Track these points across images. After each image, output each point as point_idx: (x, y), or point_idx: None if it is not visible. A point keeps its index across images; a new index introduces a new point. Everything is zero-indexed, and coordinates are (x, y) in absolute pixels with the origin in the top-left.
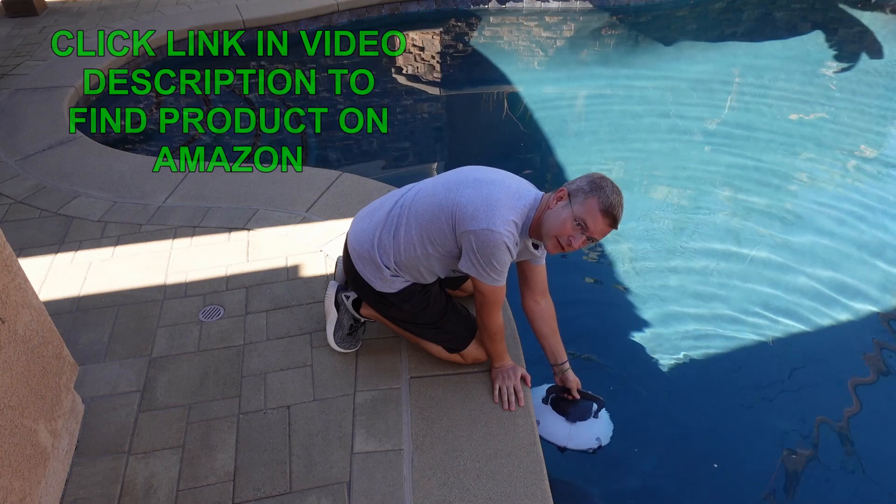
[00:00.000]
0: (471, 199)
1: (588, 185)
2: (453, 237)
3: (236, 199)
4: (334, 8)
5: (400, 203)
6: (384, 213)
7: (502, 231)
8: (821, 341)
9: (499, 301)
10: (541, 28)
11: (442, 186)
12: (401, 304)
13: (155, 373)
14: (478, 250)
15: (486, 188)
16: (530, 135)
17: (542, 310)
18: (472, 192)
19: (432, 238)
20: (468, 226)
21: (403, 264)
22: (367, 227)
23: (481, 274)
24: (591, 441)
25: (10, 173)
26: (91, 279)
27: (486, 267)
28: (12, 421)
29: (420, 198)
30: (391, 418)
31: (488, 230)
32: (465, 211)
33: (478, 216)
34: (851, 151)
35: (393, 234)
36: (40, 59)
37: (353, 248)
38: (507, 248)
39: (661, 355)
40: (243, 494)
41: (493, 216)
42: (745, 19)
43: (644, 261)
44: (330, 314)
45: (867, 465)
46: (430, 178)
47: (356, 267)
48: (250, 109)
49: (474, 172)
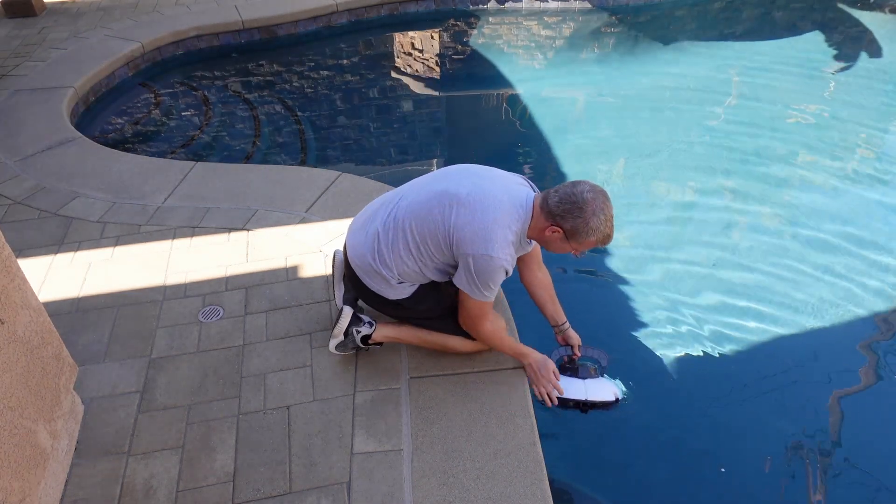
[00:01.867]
0: (467, 221)
1: (583, 225)
2: (451, 254)
3: (236, 199)
4: (333, 8)
5: (393, 215)
6: (378, 224)
7: (501, 256)
8: (820, 341)
9: (485, 314)
10: (540, 28)
11: (435, 200)
12: (416, 306)
13: (154, 373)
14: (476, 273)
15: (481, 206)
16: (529, 134)
17: (539, 280)
18: (468, 213)
19: (430, 254)
20: (466, 249)
21: (407, 274)
22: (365, 241)
23: (474, 291)
24: (609, 394)
25: (9, 174)
26: (90, 280)
27: (480, 287)
28: (12, 422)
29: (412, 210)
30: (391, 418)
31: (487, 256)
32: (463, 234)
33: (476, 241)
34: (851, 151)
35: (391, 248)
36: (39, 59)
37: (356, 265)
38: (505, 271)
39: (661, 355)
40: (243, 495)
41: (492, 241)
42: (744, 19)
43: (643, 260)
44: (338, 336)
45: (867, 463)
46: (416, 181)
47: (363, 282)
48: (250, 109)
49: (464, 182)
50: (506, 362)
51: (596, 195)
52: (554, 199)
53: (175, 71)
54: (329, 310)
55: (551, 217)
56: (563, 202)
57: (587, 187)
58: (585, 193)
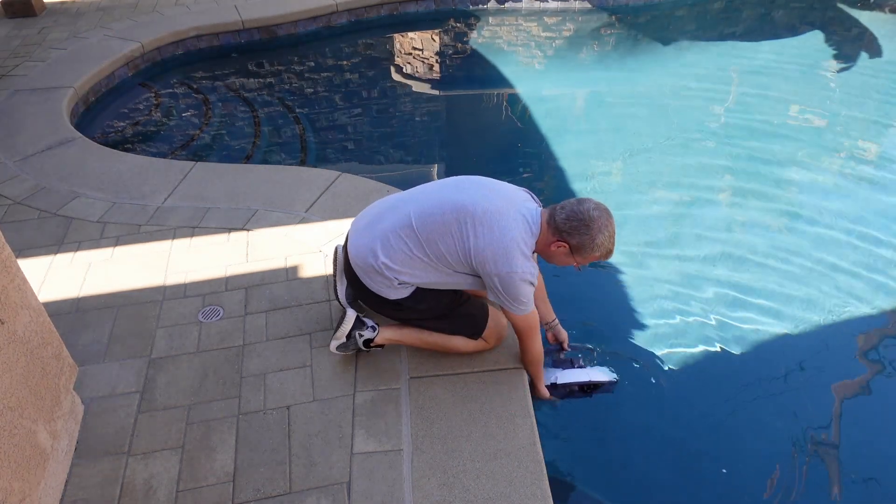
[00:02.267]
0: (488, 243)
1: (589, 241)
2: (471, 268)
3: (235, 199)
4: (333, 8)
5: (405, 221)
6: (388, 227)
7: (523, 270)
8: (821, 341)
9: (534, 326)
10: (540, 28)
11: (451, 215)
12: (417, 305)
13: (154, 373)
14: (504, 290)
15: (499, 225)
16: (529, 134)
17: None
18: (487, 233)
19: (448, 263)
20: (490, 269)
21: (417, 276)
22: (371, 242)
23: (510, 306)
24: (609, 374)
25: (9, 174)
26: (90, 280)
27: (513, 302)
28: (12, 422)
29: (427, 221)
30: (391, 418)
31: (511, 272)
32: (485, 255)
33: (498, 261)
34: (850, 150)
35: (401, 259)
36: (39, 59)
37: (357, 265)
38: (530, 283)
39: (661, 354)
40: (243, 495)
41: (513, 259)
42: (744, 18)
43: (642, 260)
44: (341, 339)
45: (867, 463)
46: (428, 190)
47: (364, 282)
48: (250, 110)
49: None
50: (506, 362)
51: (601, 213)
52: (561, 216)
53: (175, 71)
54: (329, 310)
55: (558, 233)
56: (571, 219)
57: (592, 205)
58: (592, 211)
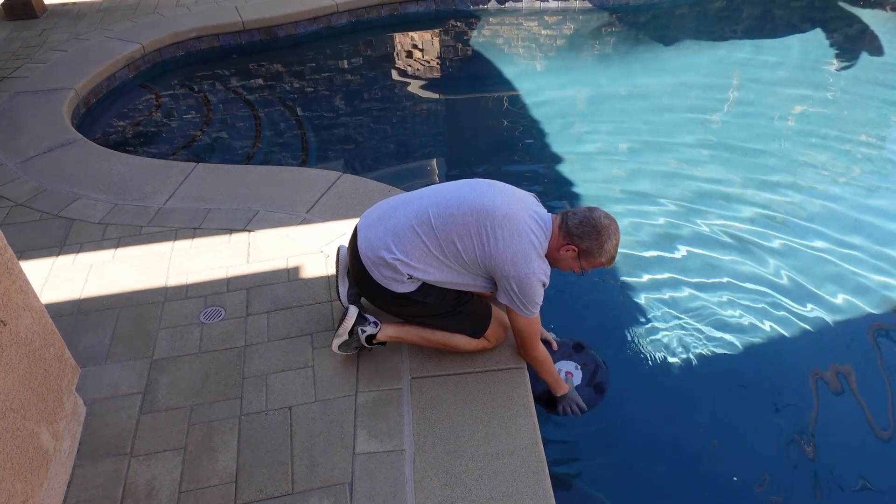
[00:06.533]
0: (509, 245)
1: (598, 247)
2: (483, 270)
3: (237, 200)
4: (333, 9)
5: (422, 217)
6: (402, 221)
7: (537, 270)
8: (822, 340)
9: (536, 332)
10: (540, 28)
11: (471, 217)
12: (424, 300)
13: (156, 374)
14: (519, 292)
15: (517, 230)
16: (530, 134)
17: None
18: (506, 236)
19: (460, 271)
20: (507, 270)
21: (428, 273)
22: (383, 236)
23: (521, 308)
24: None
25: (10, 176)
26: (92, 281)
27: (526, 304)
28: (14, 423)
29: (446, 218)
30: (392, 419)
31: (529, 273)
32: (504, 257)
33: (518, 262)
34: (851, 149)
35: (417, 255)
36: (40, 61)
37: (366, 257)
38: (542, 283)
39: (662, 355)
40: (245, 496)
41: (531, 261)
42: (744, 17)
43: (642, 259)
44: (342, 336)
45: (867, 463)
46: (444, 189)
47: (371, 274)
48: (250, 110)
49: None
50: (507, 362)
51: (610, 222)
52: (574, 221)
53: (175, 72)
54: (331, 310)
55: (569, 237)
56: (583, 224)
57: (602, 214)
58: (602, 219)
